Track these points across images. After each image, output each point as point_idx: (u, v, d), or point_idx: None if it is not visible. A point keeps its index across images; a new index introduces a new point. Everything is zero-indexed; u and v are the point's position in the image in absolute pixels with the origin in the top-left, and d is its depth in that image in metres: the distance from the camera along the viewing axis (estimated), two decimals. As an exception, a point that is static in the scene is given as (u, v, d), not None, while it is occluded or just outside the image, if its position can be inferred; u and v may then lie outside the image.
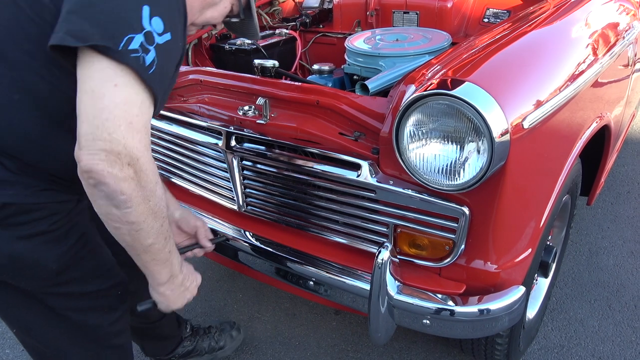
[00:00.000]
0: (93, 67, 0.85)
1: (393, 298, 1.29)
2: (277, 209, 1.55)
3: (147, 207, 0.94)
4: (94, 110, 0.85)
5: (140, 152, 0.89)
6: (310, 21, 2.31)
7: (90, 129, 0.85)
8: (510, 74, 1.22)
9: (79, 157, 0.87)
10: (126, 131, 0.86)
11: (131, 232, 0.95)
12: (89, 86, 0.85)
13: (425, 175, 1.16)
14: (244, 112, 1.48)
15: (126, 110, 0.86)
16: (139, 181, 0.90)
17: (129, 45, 0.85)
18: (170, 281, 1.12)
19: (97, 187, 0.88)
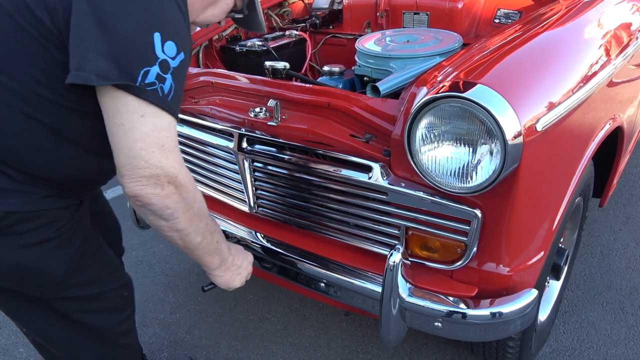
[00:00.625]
0: (119, 102, 0.90)
1: (404, 300, 1.29)
2: (288, 211, 1.55)
3: (191, 213, 1.04)
4: (128, 143, 0.92)
5: (176, 169, 0.97)
6: (320, 22, 2.31)
7: (128, 160, 0.92)
8: (523, 76, 1.21)
9: (122, 184, 0.95)
10: (160, 155, 0.94)
11: (182, 237, 1.07)
12: (119, 120, 0.91)
13: (437, 177, 1.16)
14: (255, 113, 1.49)
15: (157, 136, 0.93)
16: (181, 194, 0.99)
17: (146, 79, 0.90)
18: (221, 265, 1.25)
19: (144, 207, 0.97)
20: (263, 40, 2.04)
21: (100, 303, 1.23)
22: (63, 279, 1.11)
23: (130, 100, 0.90)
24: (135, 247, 2.64)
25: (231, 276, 1.29)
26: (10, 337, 2.11)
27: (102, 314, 1.25)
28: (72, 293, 1.16)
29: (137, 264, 2.49)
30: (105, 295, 1.23)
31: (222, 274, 1.27)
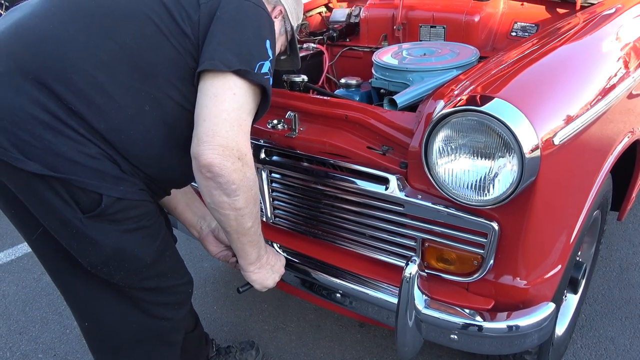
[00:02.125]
0: (218, 80, 1.07)
1: (421, 312, 1.29)
2: (305, 221, 1.57)
3: (250, 194, 1.15)
4: (216, 111, 1.05)
5: (247, 148, 1.11)
6: (338, 35, 2.34)
7: (211, 126, 1.04)
8: (540, 89, 1.22)
9: (198, 152, 1.05)
10: (238, 131, 1.07)
11: (237, 217, 1.16)
12: (213, 92, 1.06)
13: (454, 190, 1.17)
14: (273, 125, 1.51)
15: (239, 115, 1.08)
16: (245, 173, 1.10)
17: (262, 69, 1.10)
18: (257, 260, 1.35)
19: (213, 179, 1.07)
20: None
21: (169, 297, 1.30)
22: (149, 267, 1.18)
23: (231, 79, 1.06)
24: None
25: (265, 274, 1.40)
26: (30, 343, 2.15)
27: (167, 308, 1.31)
28: (151, 283, 1.23)
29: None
30: (175, 289, 1.30)
31: (257, 271, 1.38)
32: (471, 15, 2.01)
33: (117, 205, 1.08)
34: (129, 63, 1.07)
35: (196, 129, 1.07)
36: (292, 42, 1.48)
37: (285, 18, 1.41)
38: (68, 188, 1.04)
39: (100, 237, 1.09)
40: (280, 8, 1.38)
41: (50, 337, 2.16)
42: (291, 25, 1.43)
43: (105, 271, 1.15)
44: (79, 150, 1.03)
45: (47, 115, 1.00)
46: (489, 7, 2.04)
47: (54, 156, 1.01)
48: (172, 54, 1.10)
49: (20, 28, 1.06)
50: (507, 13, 2.07)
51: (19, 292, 2.48)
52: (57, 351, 2.09)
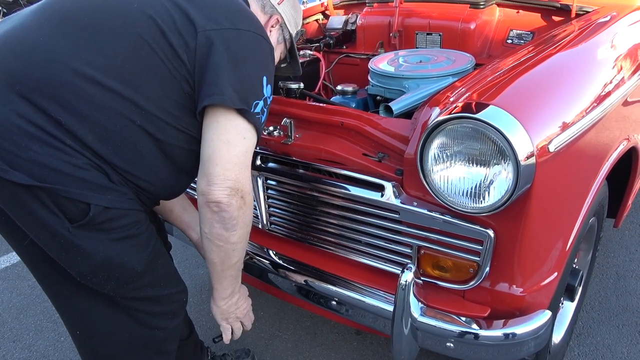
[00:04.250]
0: (230, 123, 1.12)
1: (416, 320, 1.29)
2: (301, 228, 1.57)
3: (245, 231, 1.23)
4: (228, 156, 1.11)
5: (250, 187, 1.18)
6: (334, 42, 2.34)
7: (223, 171, 1.11)
8: (536, 97, 1.22)
9: (208, 191, 1.12)
10: (245, 172, 1.15)
11: (228, 250, 1.23)
12: (226, 138, 1.12)
13: (449, 197, 1.17)
14: (269, 132, 1.51)
15: (247, 157, 1.15)
16: (246, 209, 1.18)
17: (256, 109, 1.14)
18: (230, 297, 1.39)
19: (218, 213, 1.14)
20: (277, 59, 2.08)
21: (163, 306, 1.28)
22: (140, 276, 1.17)
23: (240, 123, 1.12)
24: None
25: (229, 310, 1.43)
26: (24, 351, 2.13)
27: (162, 317, 1.30)
28: (143, 293, 1.22)
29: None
30: (169, 298, 1.29)
31: (224, 307, 1.41)
32: (467, 22, 2.01)
33: (106, 214, 1.07)
34: (121, 80, 1.07)
35: (207, 170, 1.12)
36: (291, 50, 1.49)
37: (282, 26, 1.41)
38: (54, 198, 1.03)
39: (89, 247, 1.08)
40: (277, 17, 1.38)
41: (44, 344, 2.15)
42: (290, 33, 1.43)
43: (95, 281, 1.14)
44: (65, 161, 1.03)
45: (33, 127, 1.00)
46: (484, 15, 2.05)
47: (40, 167, 1.01)
48: (167, 77, 1.10)
49: (8, 39, 1.06)
50: (502, 20, 2.08)
51: (13, 299, 2.46)
52: (51, 359, 2.07)
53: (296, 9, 1.45)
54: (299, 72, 1.57)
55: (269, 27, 1.37)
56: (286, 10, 1.40)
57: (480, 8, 2.03)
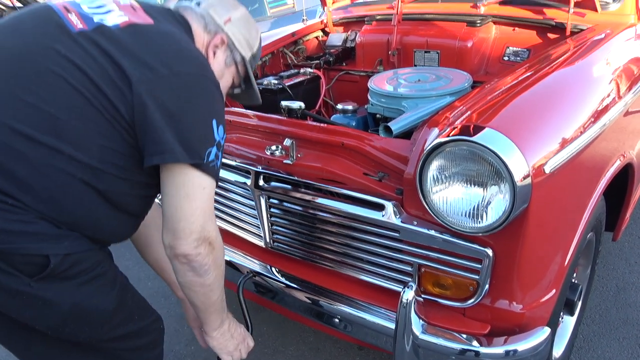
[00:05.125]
0: (186, 177, 1.10)
1: (418, 337, 1.31)
2: (303, 246, 1.59)
3: (219, 271, 1.25)
4: (190, 210, 1.11)
5: (215, 232, 1.18)
6: (334, 59, 2.38)
7: (187, 225, 1.11)
8: (531, 118, 1.26)
9: (175, 245, 1.13)
10: (209, 220, 1.15)
11: (206, 292, 1.25)
12: (185, 192, 1.10)
13: (448, 217, 1.19)
14: (272, 152, 1.54)
15: (209, 205, 1.15)
16: (214, 252, 1.19)
17: (209, 157, 1.11)
18: (220, 325, 1.40)
19: (188, 264, 1.16)
20: (279, 78, 2.12)
21: (142, 339, 1.28)
22: (113, 315, 1.16)
23: (197, 175, 1.10)
24: (150, 278, 2.67)
25: (226, 341, 1.43)
26: None
27: (144, 350, 1.29)
28: (119, 331, 1.20)
29: (152, 295, 2.52)
30: (145, 330, 1.28)
31: (218, 337, 1.41)
32: (464, 40, 2.05)
33: (67, 261, 1.04)
34: (56, 134, 1.01)
35: (171, 225, 1.12)
36: (246, 76, 1.39)
37: (231, 48, 1.31)
38: (6, 258, 0.99)
39: (55, 297, 1.05)
40: (222, 36, 1.28)
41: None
42: (241, 55, 1.33)
43: (68, 331, 1.11)
44: (11, 220, 0.98)
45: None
46: (481, 32, 2.09)
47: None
48: (106, 127, 1.05)
49: None
50: (499, 38, 2.12)
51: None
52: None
53: (249, 29, 1.34)
54: (259, 101, 1.49)
55: (211, 48, 1.28)
56: (234, 30, 1.30)
57: (476, 26, 2.07)
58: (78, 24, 1.07)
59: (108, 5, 1.15)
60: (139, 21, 1.13)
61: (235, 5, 1.34)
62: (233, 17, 1.30)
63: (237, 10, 1.33)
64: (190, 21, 1.25)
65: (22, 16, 1.12)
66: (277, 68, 2.42)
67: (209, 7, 1.28)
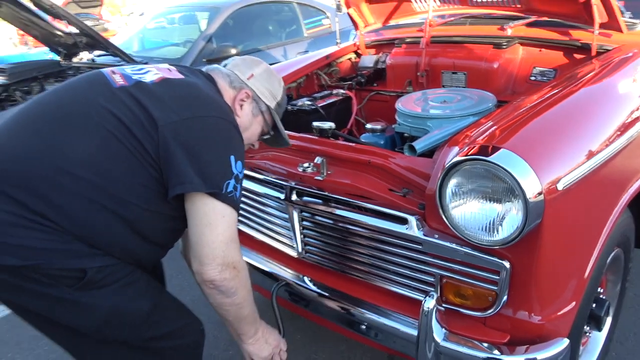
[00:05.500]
0: (207, 207, 1.23)
1: (439, 345, 1.38)
2: (333, 257, 1.69)
3: (246, 290, 1.37)
4: (212, 237, 1.23)
5: (238, 256, 1.31)
6: (365, 80, 2.50)
7: (210, 251, 1.24)
8: (547, 138, 1.33)
9: (201, 271, 1.25)
10: (232, 246, 1.28)
11: (236, 310, 1.37)
12: (207, 220, 1.24)
13: (466, 230, 1.27)
14: (304, 168, 1.66)
15: (231, 232, 1.28)
16: (240, 275, 1.31)
17: (228, 189, 1.25)
18: (255, 334, 1.51)
19: (215, 288, 1.29)
20: (312, 99, 2.25)
21: (183, 339, 1.41)
22: (149, 314, 1.31)
23: (217, 205, 1.23)
24: (192, 286, 2.83)
25: (261, 346, 1.53)
26: None
27: (185, 350, 1.42)
28: (158, 331, 1.35)
29: (193, 302, 2.65)
30: (184, 330, 1.42)
31: (254, 343, 1.52)
32: (490, 62, 2.13)
33: (101, 273, 1.20)
34: (93, 171, 1.18)
35: (197, 253, 1.25)
36: (273, 123, 1.55)
37: (255, 100, 1.48)
38: (46, 272, 1.14)
39: (94, 303, 1.20)
40: (246, 91, 1.46)
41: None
42: (266, 105, 1.50)
43: (110, 331, 1.27)
44: (50, 239, 1.14)
45: (16, 217, 1.12)
46: (507, 54, 2.16)
47: (29, 249, 1.12)
48: (135, 165, 1.21)
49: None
50: (526, 58, 2.18)
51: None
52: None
53: (271, 81, 1.52)
54: (287, 145, 1.64)
55: (238, 102, 1.44)
56: (257, 84, 1.48)
57: (502, 48, 2.14)
58: (119, 81, 1.28)
59: (147, 68, 1.38)
60: (171, 76, 1.33)
61: (258, 63, 1.54)
62: (255, 73, 1.50)
63: (259, 66, 1.52)
64: (217, 79, 1.45)
65: (79, 77, 1.35)
66: (312, 89, 2.56)
67: (234, 67, 1.49)
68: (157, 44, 5.16)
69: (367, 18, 2.72)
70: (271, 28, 5.30)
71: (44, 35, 4.35)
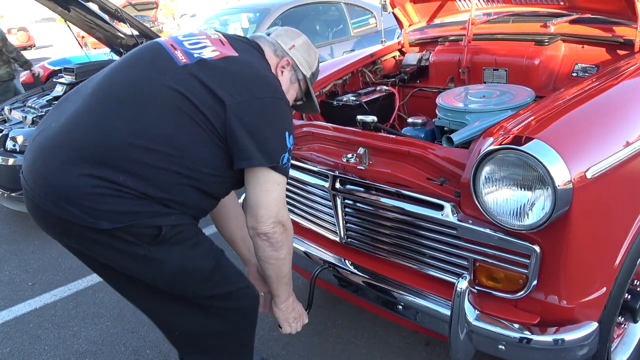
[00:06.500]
0: (265, 176, 1.41)
1: (472, 324, 1.47)
2: (373, 242, 1.81)
3: (289, 247, 1.53)
4: (269, 200, 1.42)
5: (287, 217, 1.49)
6: (409, 78, 2.59)
7: (266, 212, 1.42)
8: (579, 129, 1.39)
9: (258, 227, 1.43)
10: (282, 208, 1.46)
11: (279, 265, 1.53)
12: (265, 187, 1.41)
13: (498, 216, 1.36)
14: (347, 159, 1.78)
15: (283, 195, 1.46)
16: (287, 232, 1.49)
17: (283, 161, 1.42)
18: (287, 299, 1.67)
19: (267, 240, 1.45)
20: (356, 95, 2.37)
21: (240, 301, 1.57)
22: (212, 272, 1.47)
23: (273, 175, 1.41)
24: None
25: (289, 312, 1.72)
26: (139, 340, 2.53)
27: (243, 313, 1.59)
28: (219, 289, 1.50)
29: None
30: (240, 293, 1.57)
31: (284, 308, 1.69)
32: (531, 58, 2.18)
33: (174, 230, 1.36)
34: (169, 144, 1.33)
35: (254, 212, 1.42)
36: (307, 90, 1.69)
37: (295, 68, 1.62)
38: (130, 231, 1.30)
39: (166, 258, 1.37)
40: (287, 59, 1.60)
41: (156, 336, 2.54)
42: (303, 74, 1.64)
43: (178, 286, 1.43)
44: (135, 203, 1.30)
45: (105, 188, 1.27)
46: (549, 50, 2.20)
47: (117, 214, 1.28)
48: (205, 137, 1.36)
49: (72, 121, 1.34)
50: (568, 55, 2.21)
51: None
52: (162, 348, 2.45)
53: (309, 53, 1.66)
54: (317, 111, 1.79)
55: (279, 68, 1.59)
56: (297, 54, 1.62)
57: (544, 45, 2.18)
58: (182, 59, 1.42)
59: (203, 41, 1.49)
60: (228, 53, 1.47)
61: (298, 34, 1.68)
62: (296, 44, 1.63)
63: (300, 38, 1.66)
64: (263, 47, 1.59)
65: (140, 51, 1.49)
66: (356, 86, 2.67)
67: (277, 37, 1.62)
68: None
69: (412, 17, 2.81)
70: (319, 28, 5.46)
71: (107, 37, 4.68)
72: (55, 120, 1.38)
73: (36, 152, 1.35)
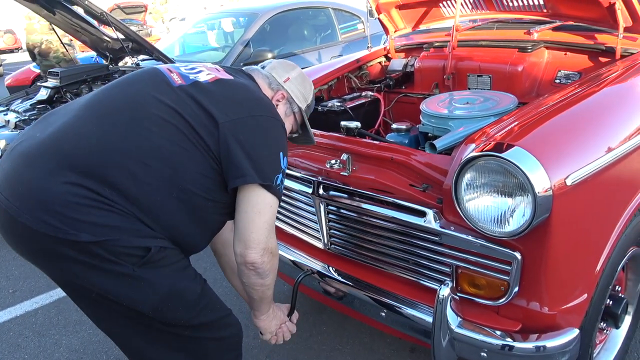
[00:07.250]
0: (259, 197, 1.38)
1: (454, 331, 1.47)
2: (356, 248, 1.80)
3: (275, 274, 1.52)
4: (259, 223, 1.38)
5: (276, 243, 1.47)
6: (394, 83, 2.59)
7: (257, 236, 1.39)
8: (561, 135, 1.40)
9: (245, 254, 1.39)
10: (272, 233, 1.43)
11: (264, 290, 1.53)
12: (258, 209, 1.38)
13: (479, 222, 1.36)
14: (331, 165, 1.78)
15: (273, 220, 1.43)
16: (274, 260, 1.46)
17: (277, 182, 1.40)
18: (267, 312, 1.68)
19: (254, 270, 1.43)
20: (341, 100, 2.36)
21: (225, 330, 1.52)
22: (199, 298, 1.42)
23: (267, 196, 1.39)
24: (225, 279, 2.98)
25: (270, 322, 1.71)
26: (123, 347, 2.49)
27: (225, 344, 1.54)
28: (205, 317, 1.45)
29: (226, 294, 2.82)
30: (226, 321, 1.53)
31: (265, 319, 1.69)
32: (515, 65, 2.19)
33: (162, 253, 1.31)
34: (162, 160, 1.31)
35: (243, 236, 1.39)
36: (302, 123, 1.69)
37: (290, 101, 1.62)
38: (111, 249, 1.24)
39: (154, 279, 1.31)
40: (282, 92, 1.60)
41: (139, 344, 2.51)
42: (298, 107, 1.64)
43: (166, 311, 1.35)
44: (121, 219, 1.26)
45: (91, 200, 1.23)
46: (532, 57, 2.21)
47: (100, 227, 1.23)
48: (198, 157, 1.34)
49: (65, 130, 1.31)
50: (551, 62, 2.23)
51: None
52: (145, 356, 2.42)
53: (304, 85, 1.65)
54: (312, 143, 1.78)
55: (274, 101, 1.57)
56: (292, 87, 1.61)
57: (527, 52, 2.20)
58: (178, 80, 1.42)
59: (199, 68, 1.50)
60: (223, 77, 1.48)
61: (293, 66, 1.68)
62: (291, 76, 1.63)
63: (294, 70, 1.66)
64: (257, 80, 1.59)
65: (137, 73, 1.48)
66: (342, 91, 2.67)
67: (271, 70, 1.62)
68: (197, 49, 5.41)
69: (398, 23, 2.82)
70: (306, 33, 5.46)
71: (93, 41, 4.64)
72: (40, 131, 1.34)
73: (17, 159, 1.31)
